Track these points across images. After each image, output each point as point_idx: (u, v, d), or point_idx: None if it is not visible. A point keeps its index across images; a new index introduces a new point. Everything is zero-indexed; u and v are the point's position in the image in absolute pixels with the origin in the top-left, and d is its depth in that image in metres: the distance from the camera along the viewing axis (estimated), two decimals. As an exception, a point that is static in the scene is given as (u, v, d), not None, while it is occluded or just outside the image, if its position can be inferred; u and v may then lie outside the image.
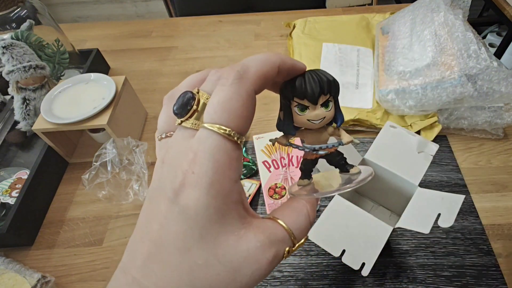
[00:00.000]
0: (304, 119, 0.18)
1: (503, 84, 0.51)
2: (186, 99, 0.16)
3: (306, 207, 0.19)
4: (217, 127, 0.15)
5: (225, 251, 0.15)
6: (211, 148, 0.15)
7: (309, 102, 0.18)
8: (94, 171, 0.51)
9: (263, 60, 0.17)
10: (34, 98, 0.58)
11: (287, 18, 0.87)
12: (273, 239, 0.16)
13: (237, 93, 0.16)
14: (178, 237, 0.15)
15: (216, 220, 0.15)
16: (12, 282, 0.45)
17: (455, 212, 0.31)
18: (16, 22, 0.63)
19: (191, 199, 0.15)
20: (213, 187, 0.15)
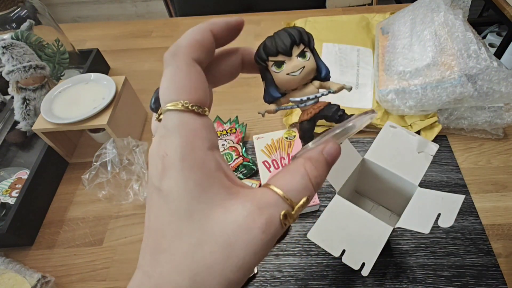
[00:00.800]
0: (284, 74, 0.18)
1: (503, 84, 0.51)
2: (157, 93, 0.17)
3: (303, 165, 0.17)
4: (172, 105, 0.16)
5: (213, 226, 0.14)
6: (174, 125, 0.15)
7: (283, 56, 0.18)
8: (94, 171, 0.51)
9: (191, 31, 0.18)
10: (34, 98, 0.58)
11: (287, 18, 0.86)
12: (263, 204, 0.15)
13: (176, 68, 0.16)
14: (170, 223, 0.15)
15: (198, 195, 0.15)
16: (12, 282, 0.45)
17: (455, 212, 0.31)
18: (16, 22, 0.63)
19: (170, 181, 0.15)
20: (185, 161, 0.15)
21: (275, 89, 0.19)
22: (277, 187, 0.16)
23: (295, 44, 0.18)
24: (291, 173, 0.16)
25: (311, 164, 0.17)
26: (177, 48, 0.17)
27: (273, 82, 0.19)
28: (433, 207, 0.33)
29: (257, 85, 0.72)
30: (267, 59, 0.18)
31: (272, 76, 0.19)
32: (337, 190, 0.38)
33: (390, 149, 0.41)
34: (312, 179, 0.16)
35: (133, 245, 0.50)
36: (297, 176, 0.16)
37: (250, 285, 0.45)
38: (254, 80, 0.74)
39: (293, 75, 0.18)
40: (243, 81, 0.74)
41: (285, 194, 0.15)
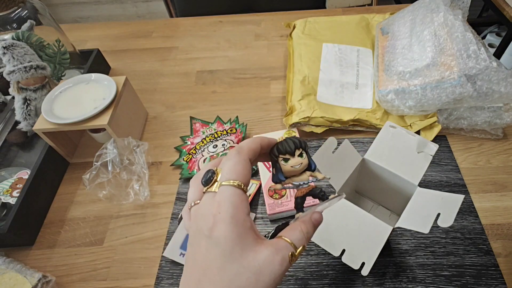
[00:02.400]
0: (288, 166, 0.27)
1: (503, 84, 0.51)
2: (210, 173, 0.25)
3: (300, 225, 0.26)
4: (230, 182, 0.23)
5: (248, 262, 0.22)
6: (228, 195, 0.23)
7: (289, 155, 0.27)
8: (94, 171, 0.51)
9: (250, 141, 0.27)
10: (35, 98, 0.58)
11: (287, 19, 0.87)
12: (279, 248, 0.23)
13: (238, 161, 0.25)
14: (216, 261, 0.22)
15: (238, 242, 0.22)
16: (13, 282, 0.45)
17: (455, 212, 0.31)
18: (17, 22, 0.63)
19: (220, 231, 0.22)
20: (233, 219, 0.22)
21: (282, 174, 0.28)
22: (286, 237, 0.24)
23: (297, 148, 0.27)
24: (294, 230, 0.25)
25: (305, 225, 0.26)
26: (240, 149, 0.26)
27: (281, 170, 0.28)
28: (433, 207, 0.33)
29: (257, 86, 0.73)
30: (278, 156, 0.27)
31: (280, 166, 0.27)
32: (337, 190, 0.38)
33: (390, 149, 0.41)
34: (305, 235, 0.25)
35: (134, 245, 0.50)
36: (297, 232, 0.25)
37: (250, 284, 0.45)
38: (254, 81, 0.74)
39: (295, 168, 0.27)
40: (243, 82, 0.74)
41: (291, 242, 0.24)
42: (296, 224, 0.26)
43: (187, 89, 0.73)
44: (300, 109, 0.60)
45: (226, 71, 0.76)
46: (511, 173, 0.54)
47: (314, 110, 0.60)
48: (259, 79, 0.74)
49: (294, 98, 0.62)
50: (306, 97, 0.62)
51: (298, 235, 0.25)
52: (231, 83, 0.74)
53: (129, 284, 0.47)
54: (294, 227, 0.26)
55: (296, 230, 0.25)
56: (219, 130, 0.62)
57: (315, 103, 0.61)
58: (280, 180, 0.28)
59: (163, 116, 0.68)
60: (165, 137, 0.64)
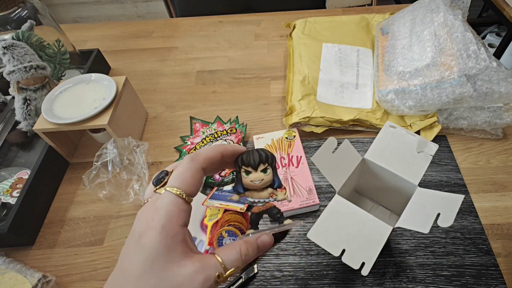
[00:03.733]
0: (248, 180, 0.26)
1: (503, 85, 0.51)
2: (163, 174, 0.24)
3: (239, 245, 0.25)
4: (173, 189, 0.23)
5: (168, 276, 0.21)
6: (166, 202, 0.22)
7: (251, 168, 0.26)
8: (94, 171, 0.51)
9: (209, 149, 0.26)
10: (35, 98, 0.58)
11: (287, 19, 0.87)
12: (206, 266, 0.22)
13: (188, 168, 0.24)
14: (137, 267, 0.21)
15: (164, 253, 0.21)
16: (13, 281, 0.45)
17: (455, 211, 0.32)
18: (17, 22, 0.63)
19: (147, 239, 0.21)
20: (164, 229, 0.21)
21: (241, 186, 0.27)
22: (219, 256, 0.23)
23: (262, 162, 0.26)
24: (231, 248, 0.24)
25: (245, 246, 0.25)
26: (195, 156, 0.25)
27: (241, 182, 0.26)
28: (433, 206, 0.33)
29: (257, 86, 0.73)
30: (241, 167, 0.26)
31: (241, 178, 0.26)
32: (337, 190, 0.38)
33: (390, 149, 0.41)
34: (243, 256, 0.24)
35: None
36: (233, 252, 0.24)
37: (251, 284, 0.45)
38: (254, 81, 0.74)
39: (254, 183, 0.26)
40: (243, 82, 0.74)
41: (222, 262, 0.23)
42: (237, 243, 0.25)
43: (187, 89, 0.73)
44: (300, 109, 0.60)
45: (226, 71, 0.76)
46: (511, 173, 0.54)
47: (314, 110, 0.60)
48: (259, 79, 0.74)
49: (294, 98, 0.62)
50: (306, 97, 0.62)
51: (233, 255, 0.24)
52: (231, 83, 0.74)
53: (129, 284, 0.47)
54: (233, 246, 0.24)
55: (234, 250, 0.24)
56: (219, 130, 0.62)
57: (315, 103, 0.61)
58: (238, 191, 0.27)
59: (163, 116, 0.68)
60: (165, 137, 0.64)
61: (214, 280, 0.22)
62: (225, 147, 0.26)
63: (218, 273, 0.22)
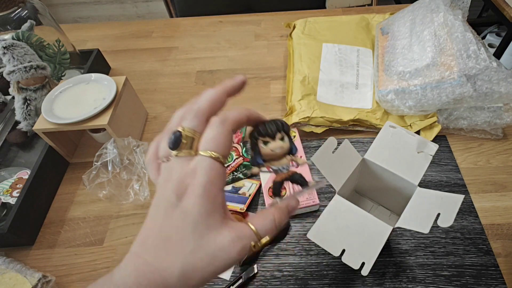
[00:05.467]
0: (268, 149, 0.26)
1: (503, 85, 0.51)
2: (177, 137, 0.23)
3: (273, 213, 0.25)
4: (209, 153, 0.22)
5: (207, 243, 0.21)
6: (206, 167, 0.22)
7: (270, 138, 0.26)
8: (94, 171, 0.51)
9: (237, 112, 0.25)
10: (35, 98, 0.58)
11: (287, 19, 0.87)
12: (241, 235, 0.22)
13: (221, 132, 0.23)
14: (178, 230, 0.21)
15: (205, 218, 0.21)
16: (13, 281, 0.45)
17: (455, 212, 0.32)
18: (17, 22, 0.63)
19: (189, 203, 0.21)
20: (205, 193, 0.21)
21: (260, 157, 0.27)
22: (253, 225, 0.23)
23: (278, 131, 0.26)
24: (264, 217, 0.25)
25: (278, 213, 0.25)
26: (225, 119, 0.24)
27: (260, 153, 0.26)
28: (433, 207, 0.33)
29: (257, 86, 0.73)
30: (258, 138, 0.26)
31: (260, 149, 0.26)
32: (337, 190, 0.38)
33: (390, 149, 0.41)
34: (276, 224, 0.25)
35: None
36: (267, 220, 0.24)
37: (251, 284, 0.45)
38: (254, 81, 0.74)
39: (274, 151, 0.26)
40: (243, 82, 0.74)
41: (257, 231, 0.23)
42: (270, 211, 0.25)
43: (187, 89, 0.73)
44: (300, 109, 0.60)
45: (226, 71, 0.76)
46: (511, 173, 0.54)
47: (314, 110, 0.60)
48: (259, 79, 0.74)
49: (294, 98, 0.62)
50: (306, 97, 0.62)
51: (268, 224, 0.24)
52: (231, 83, 0.74)
53: (129, 284, 0.47)
54: (267, 215, 0.25)
55: (267, 218, 0.24)
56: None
57: (315, 103, 0.61)
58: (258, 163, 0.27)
59: (163, 116, 0.68)
60: (165, 137, 0.64)
61: (250, 248, 0.22)
62: (251, 111, 0.26)
63: (254, 243, 0.23)
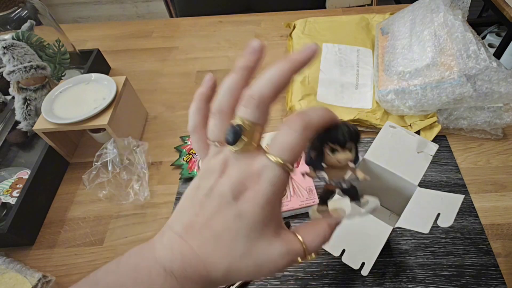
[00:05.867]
0: (334, 159, 0.23)
1: (503, 85, 0.51)
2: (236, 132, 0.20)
3: (325, 230, 0.24)
4: (281, 162, 0.20)
5: (257, 251, 0.21)
6: (273, 176, 0.20)
7: (339, 147, 0.23)
8: (94, 171, 0.51)
9: (322, 116, 0.22)
10: (35, 98, 0.58)
11: (287, 19, 0.87)
12: (291, 250, 0.22)
13: (301, 140, 0.20)
14: (229, 230, 0.20)
15: (261, 227, 0.21)
16: (13, 281, 0.45)
17: (455, 212, 0.32)
18: (17, 22, 0.63)
19: (248, 208, 0.20)
20: (268, 204, 0.20)
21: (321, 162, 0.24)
22: (303, 239, 0.22)
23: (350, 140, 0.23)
24: (316, 233, 0.23)
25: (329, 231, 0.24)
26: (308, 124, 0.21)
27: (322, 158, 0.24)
28: (433, 207, 0.33)
29: (257, 86, 0.72)
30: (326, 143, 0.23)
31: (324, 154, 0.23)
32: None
33: (390, 149, 0.41)
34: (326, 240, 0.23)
35: (134, 245, 0.50)
36: (318, 237, 0.23)
37: (251, 284, 0.45)
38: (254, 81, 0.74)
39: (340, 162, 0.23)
40: (243, 82, 0.74)
41: (306, 247, 0.22)
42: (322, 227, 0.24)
43: (187, 89, 0.73)
44: (300, 109, 0.60)
45: (226, 71, 0.75)
46: (511, 173, 0.54)
47: (314, 110, 0.60)
48: (259, 79, 0.74)
49: (294, 98, 0.62)
50: (306, 97, 0.62)
51: (317, 242, 0.23)
52: (231, 83, 0.74)
53: (129, 284, 0.47)
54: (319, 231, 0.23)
55: (320, 236, 0.23)
56: (219, 130, 0.62)
57: (315, 103, 0.61)
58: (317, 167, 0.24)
59: (163, 116, 0.68)
60: (165, 137, 0.64)
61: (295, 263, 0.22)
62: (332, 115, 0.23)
63: (300, 259, 0.22)
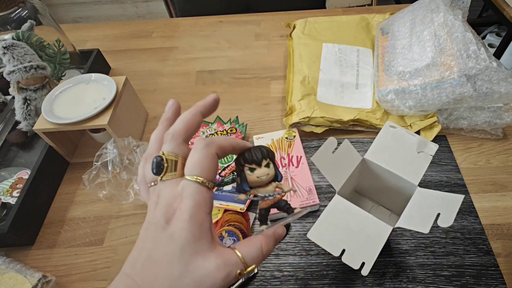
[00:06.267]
0: (254, 177, 0.26)
1: (503, 85, 0.51)
2: (158, 162, 0.23)
3: (260, 242, 0.25)
4: (195, 178, 0.22)
5: (194, 268, 0.21)
6: (191, 192, 0.22)
7: (255, 165, 0.26)
8: (94, 171, 0.51)
9: (224, 139, 0.25)
10: (35, 98, 0.58)
11: (287, 19, 0.87)
12: (228, 263, 0.22)
13: (206, 155, 0.23)
14: (165, 254, 0.21)
15: (192, 242, 0.21)
16: (13, 281, 0.45)
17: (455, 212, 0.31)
18: (17, 22, 0.63)
19: (177, 227, 0.22)
20: (192, 218, 0.22)
21: (247, 184, 0.27)
22: (240, 252, 0.23)
23: (264, 158, 0.26)
24: (252, 244, 0.25)
25: (266, 241, 0.25)
26: (210, 142, 0.24)
27: (246, 180, 0.26)
28: (433, 206, 0.33)
29: (257, 86, 0.73)
30: (244, 165, 0.26)
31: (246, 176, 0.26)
32: (337, 190, 0.38)
33: (390, 149, 0.41)
34: (263, 252, 0.24)
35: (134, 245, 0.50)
36: (254, 248, 0.24)
37: (251, 284, 0.45)
38: (254, 81, 0.74)
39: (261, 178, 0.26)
40: (243, 82, 0.74)
41: (243, 259, 0.23)
42: (256, 239, 0.25)
43: (187, 89, 0.73)
44: (300, 109, 0.60)
45: (226, 71, 0.76)
46: (511, 173, 0.54)
47: (314, 110, 0.60)
48: (259, 79, 0.74)
49: (294, 98, 0.62)
50: (306, 97, 0.62)
51: (255, 252, 0.24)
52: (231, 83, 0.74)
53: (129, 284, 0.47)
54: (254, 242, 0.25)
55: (255, 246, 0.24)
56: (219, 130, 0.62)
57: (315, 103, 0.61)
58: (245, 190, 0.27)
59: (163, 116, 0.68)
60: (165, 137, 0.64)
61: (235, 276, 0.23)
62: (237, 141, 0.26)
63: (239, 270, 0.23)
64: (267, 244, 0.25)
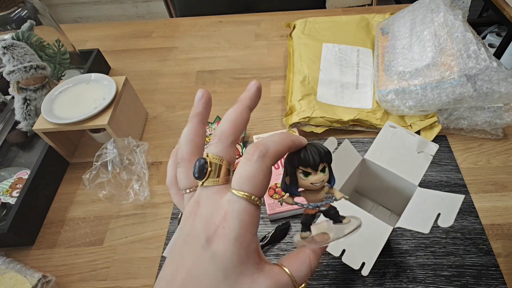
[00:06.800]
0: (308, 182, 0.23)
1: (503, 85, 0.51)
2: (202, 165, 0.21)
3: (309, 257, 0.23)
4: (243, 194, 0.20)
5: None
6: (238, 210, 0.20)
7: (311, 169, 0.22)
8: (94, 171, 0.51)
9: (279, 142, 0.22)
10: (35, 98, 0.58)
11: (287, 19, 0.87)
12: (279, 283, 0.21)
13: (260, 169, 0.20)
14: (208, 275, 0.20)
15: (237, 265, 0.20)
16: (13, 281, 0.45)
17: (455, 212, 0.31)
18: (17, 22, 0.63)
19: (220, 247, 0.19)
20: (238, 240, 0.19)
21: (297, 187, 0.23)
22: (289, 270, 0.22)
23: (321, 161, 0.22)
24: (301, 261, 0.23)
25: (315, 258, 0.23)
26: (266, 152, 0.21)
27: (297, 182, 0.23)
28: (433, 207, 0.33)
29: (257, 85, 0.72)
30: (297, 167, 0.23)
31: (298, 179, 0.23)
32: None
33: (390, 149, 0.41)
34: (313, 268, 0.23)
35: (134, 245, 0.50)
36: (304, 265, 0.22)
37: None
38: (254, 81, 0.74)
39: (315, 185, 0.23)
40: (243, 82, 0.74)
41: (294, 278, 0.22)
42: (305, 255, 0.23)
43: (187, 89, 0.73)
44: (300, 109, 0.60)
45: (226, 71, 0.76)
46: (511, 173, 0.54)
47: (314, 110, 0.60)
48: (259, 79, 0.74)
49: (294, 98, 0.62)
50: (306, 97, 0.62)
51: (304, 270, 0.22)
52: (231, 83, 0.74)
53: (129, 284, 0.47)
54: (303, 259, 0.23)
55: (304, 263, 0.23)
56: (219, 130, 0.62)
57: (315, 103, 0.61)
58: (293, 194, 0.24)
59: (163, 116, 0.68)
60: (165, 137, 0.64)
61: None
62: (292, 139, 0.22)
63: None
64: (316, 260, 0.23)
